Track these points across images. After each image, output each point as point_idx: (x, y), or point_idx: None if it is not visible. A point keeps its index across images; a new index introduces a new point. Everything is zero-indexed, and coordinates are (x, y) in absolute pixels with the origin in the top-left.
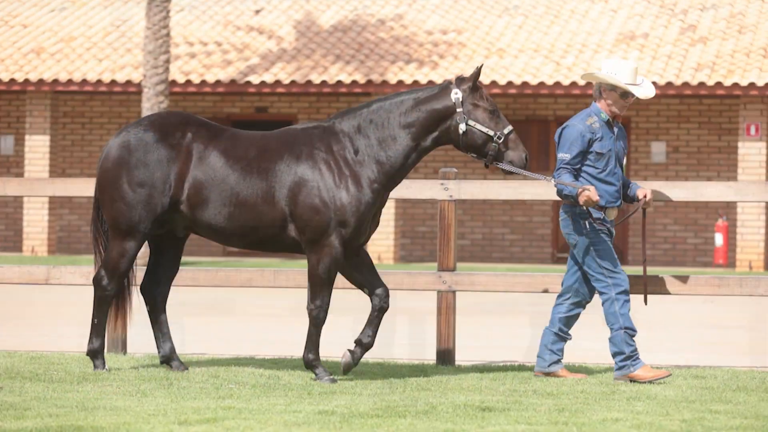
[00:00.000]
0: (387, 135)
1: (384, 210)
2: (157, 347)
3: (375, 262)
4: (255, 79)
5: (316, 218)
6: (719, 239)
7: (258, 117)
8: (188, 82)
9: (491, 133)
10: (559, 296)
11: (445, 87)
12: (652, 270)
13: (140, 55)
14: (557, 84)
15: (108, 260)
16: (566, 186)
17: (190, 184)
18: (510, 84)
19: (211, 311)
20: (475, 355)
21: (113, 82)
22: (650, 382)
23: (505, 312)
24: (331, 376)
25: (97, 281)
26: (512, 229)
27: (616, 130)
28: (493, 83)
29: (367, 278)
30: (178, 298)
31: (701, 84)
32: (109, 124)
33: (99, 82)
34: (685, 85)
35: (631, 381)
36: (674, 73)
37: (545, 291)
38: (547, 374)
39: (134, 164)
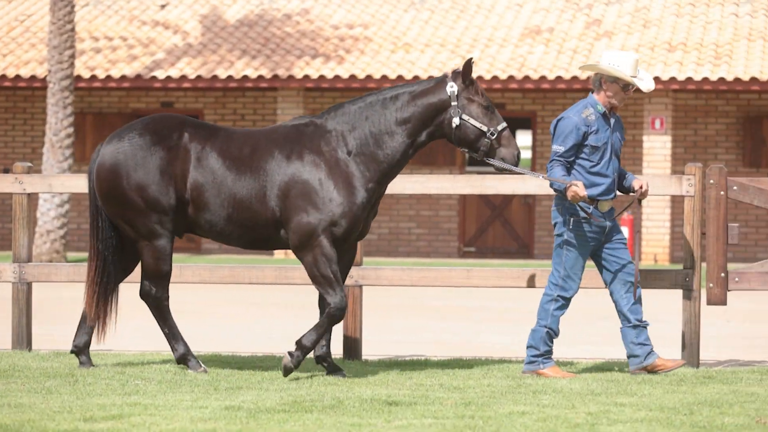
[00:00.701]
0: (383, 131)
1: None
2: (75, 337)
3: (281, 256)
4: (161, 75)
5: (304, 220)
6: (625, 233)
7: (164, 112)
8: (93, 78)
9: (484, 128)
10: (612, 294)
11: (441, 80)
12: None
13: (45, 50)
14: None
15: (147, 268)
16: (555, 181)
17: (191, 186)
18: (417, 78)
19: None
20: (382, 349)
21: (17, 77)
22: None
23: (411, 306)
24: (292, 362)
25: (145, 294)
26: (419, 223)
27: (612, 121)
28: (400, 78)
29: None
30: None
31: None
32: (14, 119)
33: (3, 77)
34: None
35: (537, 375)
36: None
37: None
38: (647, 369)
39: (133, 168)
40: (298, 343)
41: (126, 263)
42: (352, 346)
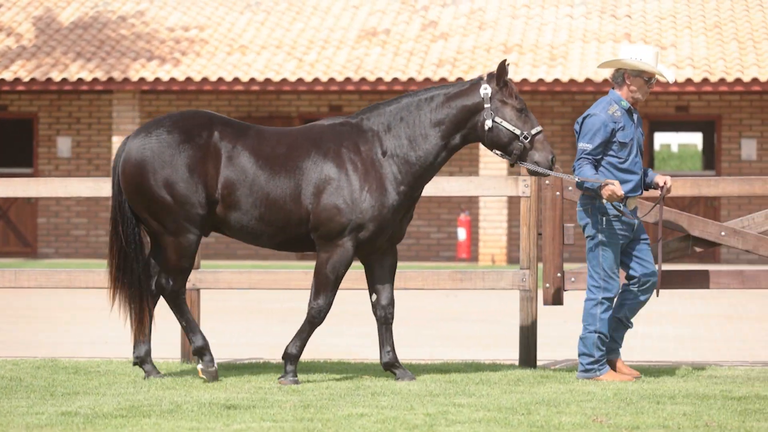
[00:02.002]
0: (417, 133)
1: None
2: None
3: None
4: None
5: (335, 219)
6: (462, 234)
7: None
8: None
9: (517, 131)
10: (624, 290)
11: (476, 83)
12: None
13: None
14: (300, 80)
15: (167, 262)
16: (589, 181)
17: (222, 185)
18: (253, 81)
19: None
20: (221, 352)
21: None
22: None
23: (250, 309)
24: (296, 379)
25: (161, 287)
26: None
27: (636, 117)
28: (236, 80)
29: (378, 284)
30: None
31: (443, 80)
32: None
33: None
34: (427, 80)
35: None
36: (416, 69)
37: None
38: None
39: (160, 165)
40: (285, 354)
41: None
42: (190, 349)
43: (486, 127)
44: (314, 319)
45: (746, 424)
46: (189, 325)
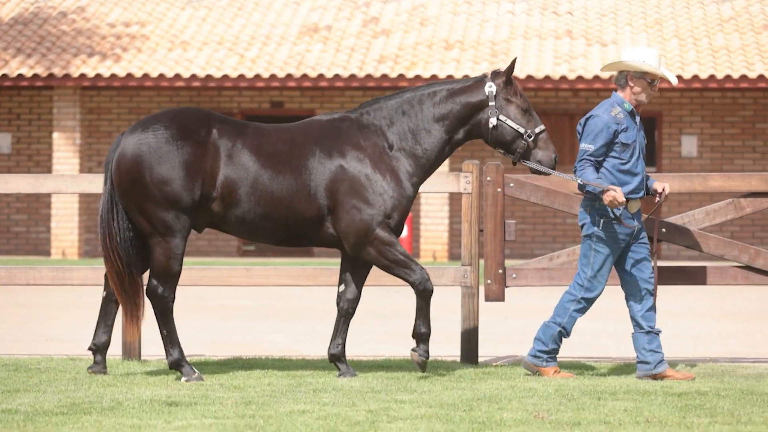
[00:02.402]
0: (421, 128)
1: (67, 204)
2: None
3: (59, 257)
4: None
5: (359, 217)
6: (403, 230)
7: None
8: None
9: (521, 130)
10: (627, 298)
11: (480, 80)
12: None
13: None
14: (241, 77)
15: (156, 266)
16: (590, 184)
17: (222, 183)
18: (194, 77)
19: None
20: (161, 349)
21: None
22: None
23: (191, 306)
24: (428, 353)
25: (152, 292)
26: None
27: (638, 119)
28: (177, 76)
29: (348, 276)
30: None
31: (384, 76)
32: None
33: None
34: (369, 77)
35: (535, 373)
36: (357, 65)
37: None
38: (655, 377)
39: (156, 162)
40: (416, 336)
41: (145, 258)
42: (132, 346)
43: (490, 125)
44: (424, 291)
45: (687, 420)
46: (170, 336)
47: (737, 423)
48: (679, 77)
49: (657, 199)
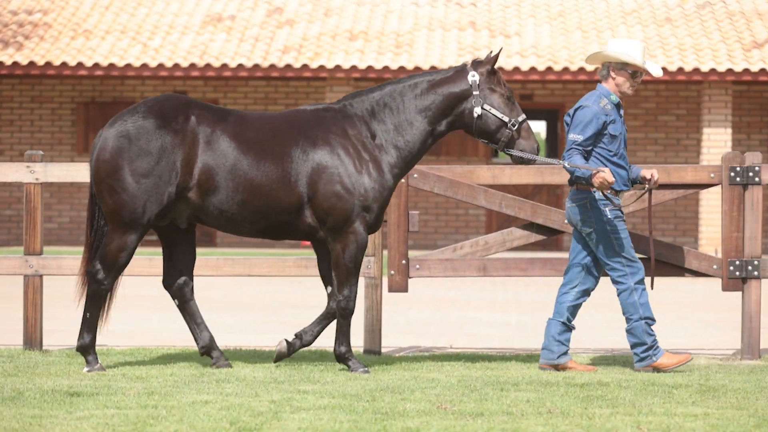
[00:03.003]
0: (403, 120)
1: None
2: (195, 339)
3: None
4: None
5: (339, 205)
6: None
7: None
8: None
9: (506, 119)
10: (564, 285)
11: (461, 70)
12: (227, 252)
13: None
14: (144, 66)
15: (106, 253)
16: (579, 168)
17: (200, 170)
18: (97, 66)
19: None
20: (63, 339)
21: None
22: (673, 370)
23: None
24: (365, 368)
25: (91, 275)
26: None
27: (621, 112)
28: (80, 65)
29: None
30: None
31: (288, 66)
32: None
33: None
34: (272, 67)
35: (655, 370)
36: (261, 55)
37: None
38: (556, 366)
39: (136, 153)
40: (338, 357)
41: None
42: (33, 336)
43: (475, 114)
44: (345, 311)
45: (588, 411)
46: (90, 321)
47: (638, 414)
48: (582, 69)
49: (646, 185)
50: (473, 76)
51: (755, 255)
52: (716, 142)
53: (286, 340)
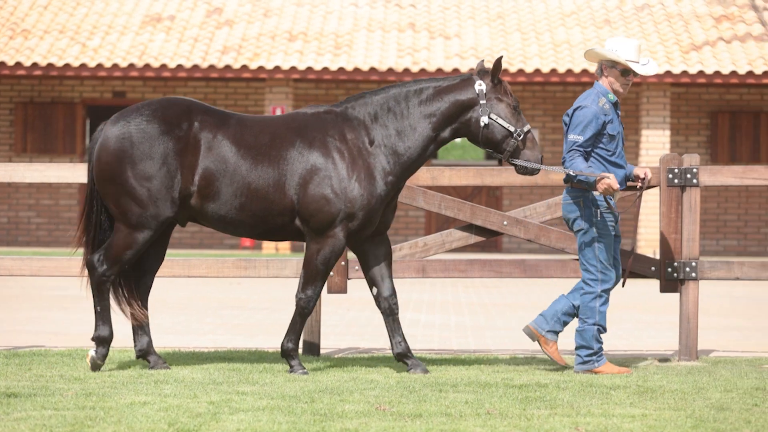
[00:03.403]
0: (406, 125)
1: None
2: (134, 341)
3: None
4: None
5: (325, 208)
6: None
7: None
8: None
9: (512, 128)
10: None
11: (467, 78)
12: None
13: None
14: (83, 66)
15: (112, 247)
16: (583, 174)
17: (200, 176)
18: (35, 65)
19: None
20: (0, 340)
21: None
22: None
23: (31, 297)
24: (304, 370)
25: (91, 265)
26: (38, 212)
27: (619, 110)
28: (18, 65)
29: (376, 275)
30: None
31: (227, 67)
32: None
33: None
34: (212, 68)
35: (594, 374)
36: (200, 56)
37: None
38: (539, 338)
39: (138, 158)
40: (283, 352)
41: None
42: None
43: (482, 124)
44: (304, 310)
45: (527, 412)
46: (103, 313)
47: (576, 414)
48: (521, 71)
49: (639, 184)
50: (480, 85)
51: (693, 257)
52: (655, 143)
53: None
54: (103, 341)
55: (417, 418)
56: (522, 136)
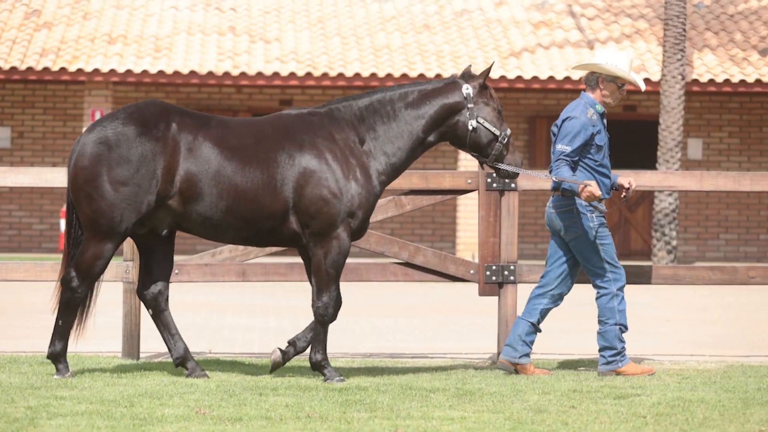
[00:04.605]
0: (393, 127)
1: None
2: (169, 350)
3: None
4: None
5: (325, 209)
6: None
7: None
8: None
9: (498, 132)
10: (540, 287)
11: (453, 82)
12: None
13: None
14: None
15: (81, 261)
16: (566, 181)
17: (182, 178)
18: None
19: None
20: None
21: None
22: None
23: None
24: (341, 377)
25: (66, 282)
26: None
27: (605, 120)
28: None
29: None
30: None
31: (46, 69)
32: None
33: None
34: (30, 70)
35: (617, 375)
36: (19, 58)
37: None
38: (515, 366)
39: (115, 161)
40: (313, 365)
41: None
42: None
43: (470, 127)
44: (324, 318)
45: (347, 415)
46: (63, 328)
47: (396, 417)
48: (342, 75)
49: (623, 194)
50: (467, 89)
51: (511, 260)
52: None
53: (280, 349)
54: (57, 357)
55: (237, 421)
56: (506, 140)
